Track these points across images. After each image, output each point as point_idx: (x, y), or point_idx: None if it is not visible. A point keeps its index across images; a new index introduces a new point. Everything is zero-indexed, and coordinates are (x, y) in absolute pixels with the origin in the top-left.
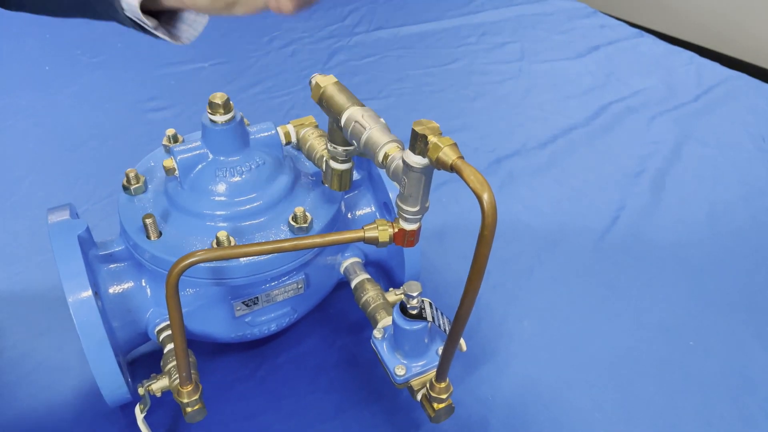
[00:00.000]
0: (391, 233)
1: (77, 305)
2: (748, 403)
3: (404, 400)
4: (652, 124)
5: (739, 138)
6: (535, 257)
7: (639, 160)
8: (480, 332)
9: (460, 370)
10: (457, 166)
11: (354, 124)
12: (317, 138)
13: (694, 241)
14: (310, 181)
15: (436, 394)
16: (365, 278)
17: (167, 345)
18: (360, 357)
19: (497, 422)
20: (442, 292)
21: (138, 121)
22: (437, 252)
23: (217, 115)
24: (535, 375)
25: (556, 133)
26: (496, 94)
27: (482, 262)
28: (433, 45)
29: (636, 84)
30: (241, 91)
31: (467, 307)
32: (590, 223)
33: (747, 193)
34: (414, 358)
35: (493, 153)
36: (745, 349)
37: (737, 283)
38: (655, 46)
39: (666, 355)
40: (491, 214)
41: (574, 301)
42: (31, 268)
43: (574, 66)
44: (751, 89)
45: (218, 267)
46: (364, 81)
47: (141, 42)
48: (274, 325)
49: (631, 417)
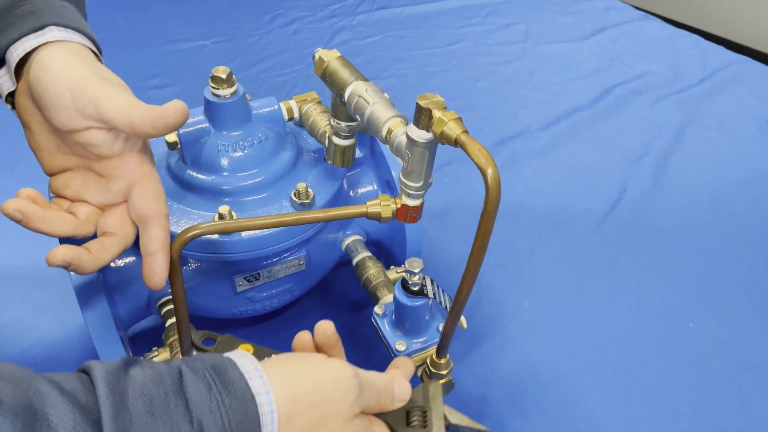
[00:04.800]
0: (394, 209)
1: (79, 279)
2: (747, 385)
3: None
4: (656, 108)
5: (743, 122)
6: (536, 239)
7: (642, 143)
8: (481, 312)
9: (461, 348)
10: (461, 141)
11: (357, 98)
12: (320, 114)
13: (695, 225)
14: (313, 158)
15: (436, 370)
16: (367, 256)
17: (168, 319)
18: (360, 334)
19: (496, 400)
20: (444, 272)
21: (139, 98)
22: (439, 232)
23: (219, 89)
24: (534, 355)
25: (560, 115)
26: (500, 75)
27: (485, 238)
28: (437, 25)
29: (640, 67)
30: (242, 69)
31: (469, 283)
32: (592, 205)
33: (750, 177)
34: (415, 335)
35: (496, 134)
36: (745, 332)
37: (738, 266)
38: (660, 29)
39: (666, 337)
40: (495, 188)
41: (574, 283)
42: (33, 243)
43: (578, 48)
44: (756, 73)
45: (220, 241)
46: (367, 61)
47: (142, 20)
48: (276, 302)
49: (630, 398)
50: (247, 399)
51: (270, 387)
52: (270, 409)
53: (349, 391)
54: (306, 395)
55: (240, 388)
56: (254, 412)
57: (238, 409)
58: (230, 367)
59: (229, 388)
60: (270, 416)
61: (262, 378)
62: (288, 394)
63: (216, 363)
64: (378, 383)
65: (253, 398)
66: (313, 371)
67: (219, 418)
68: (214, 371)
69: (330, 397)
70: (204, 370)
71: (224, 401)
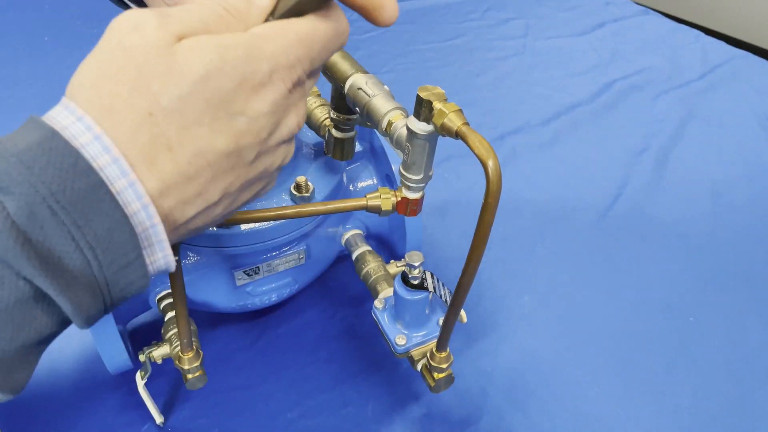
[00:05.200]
0: (394, 201)
1: None
2: (747, 380)
3: (404, 371)
4: (657, 103)
5: (744, 117)
6: (536, 233)
7: (643, 138)
8: (480, 306)
9: (461, 342)
10: (462, 133)
11: (357, 91)
12: (319, 106)
13: (696, 219)
14: (312, 151)
15: (436, 364)
16: (366, 250)
17: (168, 313)
18: (360, 329)
19: (496, 394)
20: (443, 267)
21: None
22: (438, 227)
23: None
24: (534, 349)
25: (560, 110)
26: (500, 70)
27: (486, 230)
28: (437, 20)
29: (641, 62)
30: None
31: (469, 277)
32: (592, 200)
33: (750, 172)
34: (415, 329)
35: (496, 129)
36: (745, 326)
37: (738, 260)
38: (660, 24)
39: (666, 331)
40: (496, 181)
41: (575, 278)
42: None
43: (578, 43)
44: (756, 68)
45: (219, 234)
46: (366, 56)
47: None
48: (275, 296)
49: (630, 392)
50: (47, 137)
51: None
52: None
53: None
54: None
55: (31, 127)
56: (66, 146)
57: (39, 152)
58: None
59: (16, 139)
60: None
61: (66, 106)
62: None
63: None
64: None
65: (56, 134)
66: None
67: (14, 173)
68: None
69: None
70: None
71: (9, 150)
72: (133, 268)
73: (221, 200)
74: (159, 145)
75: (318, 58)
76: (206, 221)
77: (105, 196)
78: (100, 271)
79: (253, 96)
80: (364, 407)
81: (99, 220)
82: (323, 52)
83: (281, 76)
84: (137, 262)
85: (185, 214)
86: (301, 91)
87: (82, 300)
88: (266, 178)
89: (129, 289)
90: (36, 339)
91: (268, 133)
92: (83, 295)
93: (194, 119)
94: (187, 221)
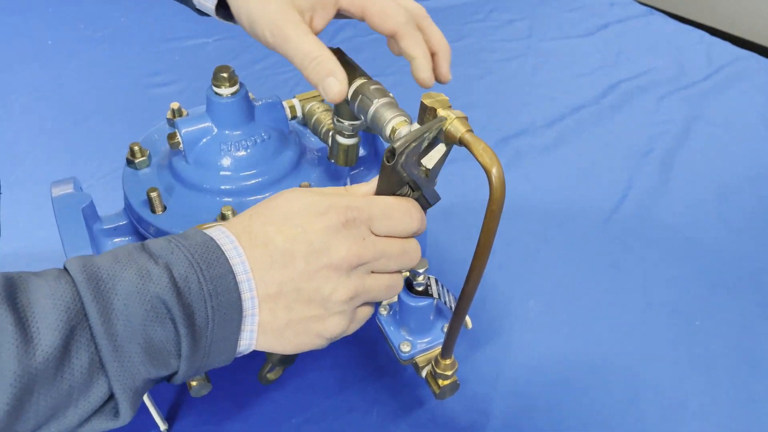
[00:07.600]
0: None
1: None
2: (754, 383)
3: (408, 377)
4: (662, 104)
5: (749, 118)
6: (541, 237)
7: (648, 140)
8: (485, 312)
9: (465, 348)
10: (465, 140)
11: (361, 97)
12: (323, 112)
13: (701, 222)
14: (316, 157)
15: (441, 371)
16: None
17: None
18: (364, 335)
19: (501, 401)
20: (447, 271)
21: (142, 96)
22: (442, 231)
23: (222, 88)
24: (540, 354)
25: (565, 111)
26: (504, 72)
27: (490, 237)
28: (441, 22)
29: (646, 63)
30: (245, 66)
31: (473, 284)
32: (598, 202)
33: (756, 174)
34: (419, 335)
35: (500, 131)
36: (752, 329)
37: (744, 263)
38: (665, 25)
39: (672, 335)
40: (500, 188)
41: (580, 282)
42: (35, 242)
43: (583, 44)
44: (761, 69)
45: None
46: (370, 58)
47: (145, 17)
48: None
49: (637, 397)
50: (206, 240)
51: (225, 227)
52: (230, 240)
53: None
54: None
55: (196, 234)
56: (216, 248)
57: (199, 247)
58: (191, 231)
59: (187, 237)
60: (230, 243)
61: (221, 229)
62: (243, 223)
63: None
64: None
65: (212, 240)
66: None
67: (182, 255)
68: (175, 236)
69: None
70: (164, 237)
71: (183, 244)
72: (229, 343)
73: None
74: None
75: (377, 222)
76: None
77: (232, 281)
78: (212, 332)
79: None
80: (368, 413)
81: (224, 294)
82: (384, 221)
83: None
84: (233, 338)
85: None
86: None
87: (193, 349)
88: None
89: (216, 360)
90: (156, 376)
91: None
92: (194, 345)
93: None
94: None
